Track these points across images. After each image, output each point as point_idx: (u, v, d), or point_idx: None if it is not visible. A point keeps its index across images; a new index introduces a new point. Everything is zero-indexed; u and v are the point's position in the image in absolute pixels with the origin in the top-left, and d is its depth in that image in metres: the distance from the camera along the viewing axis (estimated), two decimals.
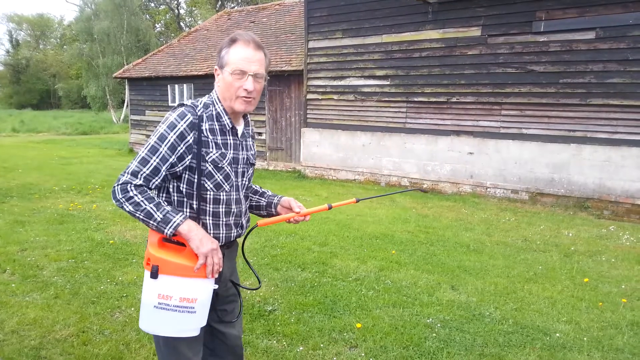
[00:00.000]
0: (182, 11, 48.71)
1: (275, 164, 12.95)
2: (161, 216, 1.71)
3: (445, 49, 9.31)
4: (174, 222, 1.72)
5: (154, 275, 1.72)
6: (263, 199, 2.18)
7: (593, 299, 4.24)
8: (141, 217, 1.72)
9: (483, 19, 8.81)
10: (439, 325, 3.63)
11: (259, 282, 2.16)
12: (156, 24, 46.97)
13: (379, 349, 3.25)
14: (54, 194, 8.48)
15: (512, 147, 8.72)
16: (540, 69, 8.29)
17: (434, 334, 3.48)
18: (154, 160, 1.75)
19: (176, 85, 15.47)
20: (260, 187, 2.24)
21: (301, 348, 3.25)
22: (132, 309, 3.80)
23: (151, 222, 1.72)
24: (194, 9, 46.27)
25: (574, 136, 8.09)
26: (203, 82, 14.50)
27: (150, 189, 1.77)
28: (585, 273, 4.92)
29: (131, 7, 33.25)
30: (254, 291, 4.19)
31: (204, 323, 1.84)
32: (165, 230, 1.72)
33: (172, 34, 43.33)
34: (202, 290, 1.78)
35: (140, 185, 1.73)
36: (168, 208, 1.75)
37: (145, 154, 1.76)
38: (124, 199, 1.71)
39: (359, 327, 3.54)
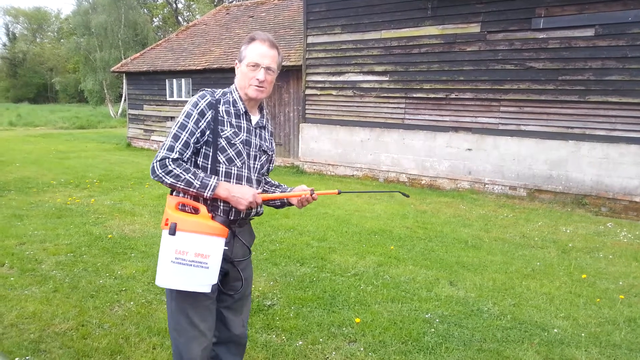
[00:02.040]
0: (180, 5, 48.50)
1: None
2: (199, 182, 1.98)
3: (444, 45, 9.31)
4: (211, 185, 2.00)
5: (172, 231, 1.90)
6: (278, 190, 2.38)
7: (591, 295, 4.26)
8: (182, 186, 1.98)
9: (482, 15, 8.80)
10: (437, 320, 3.64)
11: (249, 252, 2.25)
12: (154, 18, 46.75)
13: (377, 344, 3.26)
14: (52, 188, 8.46)
15: (511, 143, 8.73)
16: (539, 65, 8.29)
17: (433, 329, 3.49)
18: (184, 135, 2.01)
19: (174, 80, 15.42)
20: (277, 182, 2.44)
21: (300, 342, 3.26)
22: (132, 302, 3.81)
23: (191, 189, 1.98)
24: (192, 3, 46.05)
25: (573, 133, 8.10)
26: (201, 77, 14.46)
27: (184, 161, 2.01)
28: (583, 269, 4.94)
29: (129, 1, 33.09)
30: (253, 286, 4.20)
31: (214, 281, 1.98)
32: (205, 194, 2.00)
33: (170, 29, 43.19)
34: (215, 248, 1.95)
35: (177, 159, 1.99)
36: (202, 174, 2.01)
37: (176, 130, 2.02)
38: (163, 173, 1.97)
39: (358, 322, 3.55)
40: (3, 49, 55.93)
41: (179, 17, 47.42)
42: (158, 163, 1.97)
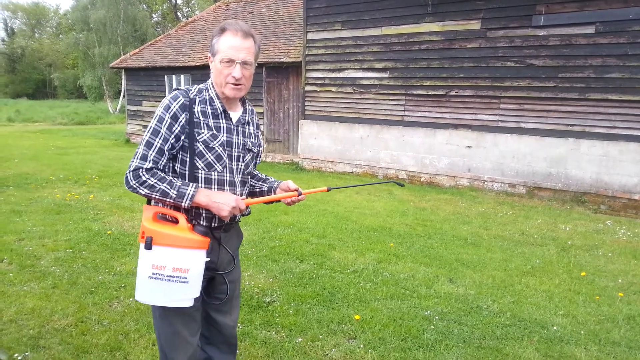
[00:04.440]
0: (179, 1, 48.36)
1: (273, 156, 12.93)
2: (175, 192, 1.85)
3: (444, 42, 9.28)
4: (188, 194, 1.86)
5: (148, 246, 1.80)
6: (265, 185, 2.27)
7: (590, 292, 4.26)
8: (157, 196, 1.86)
9: (483, 12, 8.78)
10: (437, 317, 3.64)
11: (234, 261, 2.13)
12: (153, 14, 46.64)
13: (377, 341, 3.26)
14: (51, 184, 8.44)
15: (510, 141, 8.72)
16: (540, 63, 8.28)
17: (432, 326, 3.49)
18: (157, 142, 1.87)
19: (173, 76, 15.38)
20: (265, 175, 2.32)
21: (300, 339, 3.26)
22: (131, 299, 3.80)
23: (167, 199, 1.86)
24: None
25: (572, 131, 8.10)
26: (201, 73, 14.42)
27: (159, 169, 1.88)
28: (582, 267, 4.95)
29: None
30: (252, 282, 4.20)
31: (197, 294, 1.89)
32: (182, 203, 1.86)
33: (169, 24, 43.10)
34: (195, 261, 1.84)
35: (151, 169, 1.86)
36: (179, 183, 1.87)
37: (149, 137, 1.88)
38: (137, 184, 1.84)
39: (358, 319, 3.55)
40: (1, 44, 55.80)
41: (179, 13, 47.32)
42: (131, 174, 1.84)
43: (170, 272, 1.81)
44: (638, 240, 6.12)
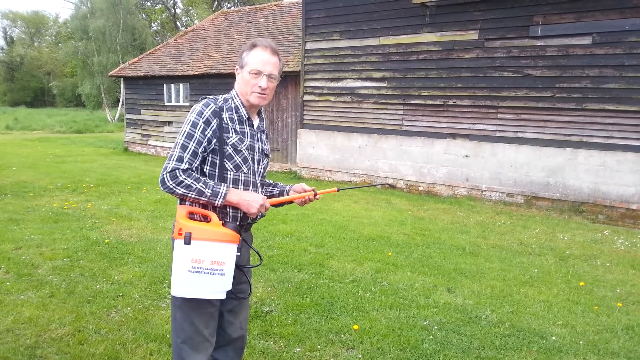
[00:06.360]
0: (178, 11, 48.59)
1: (271, 165, 12.94)
2: (210, 191, 2.00)
3: (442, 52, 9.34)
4: (221, 193, 2.01)
5: (187, 241, 1.92)
6: (276, 189, 2.42)
7: (588, 302, 4.26)
8: (193, 195, 1.99)
9: (480, 22, 8.84)
10: (435, 327, 3.63)
11: (260, 259, 2.28)
12: (152, 23, 46.82)
13: (376, 351, 3.25)
14: (49, 192, 8.42)
15: (508, 150, 8.75)
16: (537, 73, 8.33)
17: (431, 336, 3.48)
18: (192, 145, 2.01)
19: (172, 85, 15.42)
20: (273, 181, 2.46)
21: (298, 349, 3.24)
22: (128, 308, 3.78)
23: (202, 198, 2.00)
24: (190, 8, 46.17)
25: (570, 140, 8.13)
26: (199, 82, 14.47)
27: (193, 170, 2.02)
28: (580, 277, 4.94)
29: (127, 6, 33.13)
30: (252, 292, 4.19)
31: (230, 287, 2.02)
32: (216, 202, 2.02)
33: (168, 34, 43.28)
34: (229, 254, 1.99)
35: (187, 169, 1.99)
36: (212, 183, 2.02)
37: (183, 140, 2.02)
38: (174, 184, 1.97)
39: (356, 329, 3.54)
40: (1, 52, 55.86)
41: (177, 22, 47.52)
42: (168, 174, 1.97)
43: (208, 265, 1.95)
44: (636, 250, 6.12)
